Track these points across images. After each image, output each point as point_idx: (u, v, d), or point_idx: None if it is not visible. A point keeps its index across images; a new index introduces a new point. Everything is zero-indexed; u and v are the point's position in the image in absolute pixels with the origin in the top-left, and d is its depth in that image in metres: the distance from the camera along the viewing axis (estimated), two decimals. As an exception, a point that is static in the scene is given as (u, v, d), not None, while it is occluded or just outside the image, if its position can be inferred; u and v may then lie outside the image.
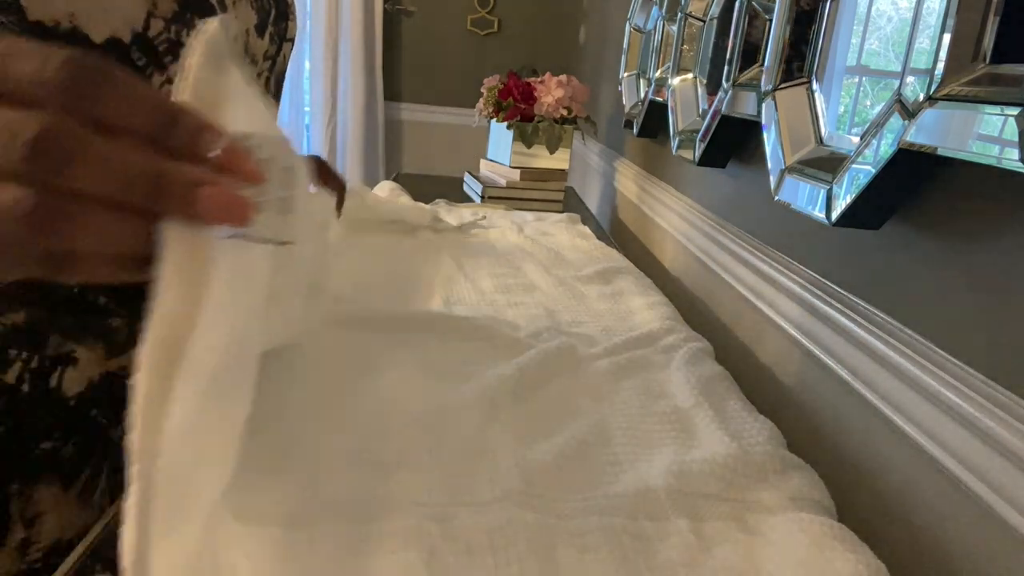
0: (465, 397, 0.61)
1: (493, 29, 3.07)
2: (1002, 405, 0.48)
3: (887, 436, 0.62)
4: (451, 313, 0.83)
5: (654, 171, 1.49)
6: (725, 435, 0.58)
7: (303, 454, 0.52)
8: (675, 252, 1.28)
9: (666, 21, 1.36)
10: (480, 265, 1.05)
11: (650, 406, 0.64)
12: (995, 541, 0.49)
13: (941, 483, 0.54)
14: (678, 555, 0.45)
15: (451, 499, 0.49)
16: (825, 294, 0.72)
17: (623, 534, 0.46)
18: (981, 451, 0.50)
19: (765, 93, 0.81)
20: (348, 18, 2.94)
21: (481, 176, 1.79)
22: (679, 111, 1.18)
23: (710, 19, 1.06)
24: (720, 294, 1.03)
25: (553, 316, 0.86)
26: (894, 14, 0.74)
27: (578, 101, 1.63)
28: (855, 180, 0.61)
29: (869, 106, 0.78)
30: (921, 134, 0.52)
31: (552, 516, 0.47)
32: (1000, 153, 0.45)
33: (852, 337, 0.67)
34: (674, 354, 0.76)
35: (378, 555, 0.42)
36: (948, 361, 0.54)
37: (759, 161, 0.91)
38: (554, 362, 0.69)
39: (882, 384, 0.62)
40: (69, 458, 0.56)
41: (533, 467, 0.53)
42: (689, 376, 0.69)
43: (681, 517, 0.49)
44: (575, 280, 1.02)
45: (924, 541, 0.57)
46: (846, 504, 0.67)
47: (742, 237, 0.96)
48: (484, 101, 1.70)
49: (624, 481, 0.52)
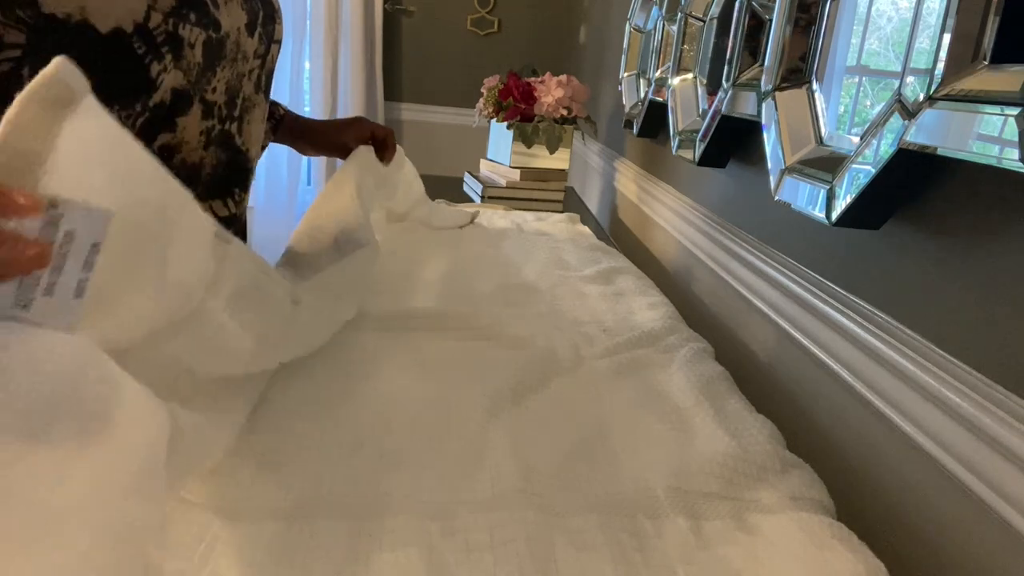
0: (466, 396, 0.61)
1: (493, 29, 3.07)
2: (1002, 405, 0.48)
3: (887, 435, 0.62)
4: (452, 312, 0.83)
5: (654, 171, 1.49)
6: (725, 434, 0.58)
7: (305, 451, 0.52)
8: (675, 252, 1.28)
9: (666, 21, 1.36)
10: (479, 265, 1.05)
11: (649, 405, 0.64)
12: (995, 540, 0.49)
13: (941, 483, 0.55)
14: (676, 553, 0.45)
15: (451, 497, 0.49)
16: (825, 294, 0.72)
17: (621, 532, 0.46)
18: (981, 451, 0.50)
19: (765, 93, 0.81)
20: (348, 18, 2.94)
21: (481, 176, 1.79)
22: (679, 111, 1.18)
23: (710, 19, 1.06)
24: (720, 294, 1.03)
25: (553, 316, 0.86)
26: (894, 14, 0.74)
27: (578, 101, 1.63)
28: (855, 180, 0.61)
29: (869, 106, 0.78)
30: (921, 134, 0.52)
31: (551, 514, 0.48)
32: (1000, 153, 0.45)
33: (852, 337, 0.67)
34: (675, 354, 0.76)
35: (378, 552, 0.42)
36: (948, 361, 0.54)
37: (759, 161, 0.91)
38: (553, 362, 0.69)
39: (882, 383, 0.62)
40: None
41: (533, 465, 0.53)
42: (689, 375, 0.69)
43: (680, 515, 0.49)
44: (577, 280, 1.02)
45: (924, 541, 0.57)
46: (846, 503, 0.67)
47: (742, 237, 0.96)
48: (484, 101, 1.70)
49: (623, 479, 0.52)
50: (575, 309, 0.89)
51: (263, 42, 0.67)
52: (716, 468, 0.54)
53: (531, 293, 0.94)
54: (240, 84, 0.65)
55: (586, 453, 0.56)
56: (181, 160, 0.61)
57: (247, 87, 0.67)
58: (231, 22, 0.62)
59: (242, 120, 0.67)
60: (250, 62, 0.66)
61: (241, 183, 0.69)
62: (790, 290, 0.80)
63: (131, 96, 0.54)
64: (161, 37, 0.54)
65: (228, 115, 0.64)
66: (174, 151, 0.60)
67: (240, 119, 0.67)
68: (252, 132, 0.69)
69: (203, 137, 0.62)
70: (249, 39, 0.65)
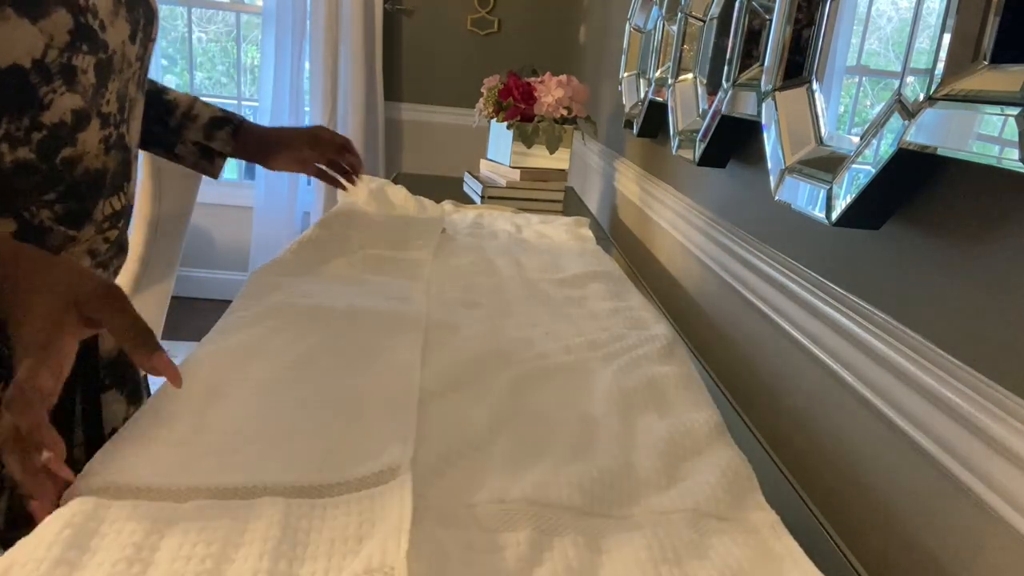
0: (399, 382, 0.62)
1: (493, 29, 3.07)
2: (1002, 405, 0.48)
3: (887, 435, 0.62)
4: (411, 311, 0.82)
5: (654, 171, 1.49)
6: (616, 447, 0.57)
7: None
8: (674, 252, 1.28)
9: (666, 21, 1.36)
10: (459, 263, 1.04)
11: (558, 413, 0.63)
12: (995, 540, 0.49)
13: (941, 482, 0.54)
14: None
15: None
16: (825, 294, 0.72)
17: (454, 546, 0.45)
18: (981, 451, 0.50)
19: (765, 93, 0.81)
20: (348, 18, 2.94)
21: (481, 176, 1.79)
22: (679, 111, 1.18)
23: (710, 19, 1.06)
24: (720, 294, 1.03)
25: (502, 317, 0.84)
26: (894, 14, 0.74)
27: (578, 101, 1.63)
28: (855, 180, 0.61)
29: (869, 106, 0.78)
30: (921, 134, 0.52)
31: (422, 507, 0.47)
32: (1000, 153, 0.45)
33: (852, 337, 0.67)
34: (614, 361, 0.73)
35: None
36: (948, 361, 0.54)
37: (759, 161, 0.91)
38: (480, 362, 0.70)
39: (882, 383, 0.62)
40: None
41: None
42: (612, 385, 0.67)
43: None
44: (548, 283, 0.99)
45: (925, 541, 0.57)
46: (845, 503, 0.67)
47: (742, 237, 0.96)
48: (484, 101, 1.70)
49: (490, 489, 0.50)
50: (529, 313, 0.88)
51: (142, 44, 0.73)
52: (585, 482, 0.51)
53: (492, 295, 0.92)
54: (126, 89, 0.71)
55: (478, 457, 0.55)
56: (84, 168, 0.66)
57: (131, 89, 0.72)
58: (117, 38, 0.67)
59: (130, 121, 0.73)
60: (132, 66, 0.71)
61: (128, 176, 0.75)
62: (790, 290, 0.79)
63: (18, 114, 0.60)
64: (56, 68, 0.61)
65: (120, 120, 0.70)
66: (76, 162, 0.66)
67: (128, 121, 0.72)
68: (136, 128, 0.76)
69: (102, 144, 0.68)
70: (132, 47, 0.70)
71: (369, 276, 0.92)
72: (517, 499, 0.48)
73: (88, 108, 0.65)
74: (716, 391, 0.73)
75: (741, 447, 0.58)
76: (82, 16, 0.62)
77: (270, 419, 0.56)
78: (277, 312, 0.75)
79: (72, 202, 0.66)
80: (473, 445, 0.55)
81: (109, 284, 0.51)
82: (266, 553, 0.40)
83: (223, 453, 0.50)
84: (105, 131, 0.68)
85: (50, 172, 0.63)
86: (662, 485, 0.53)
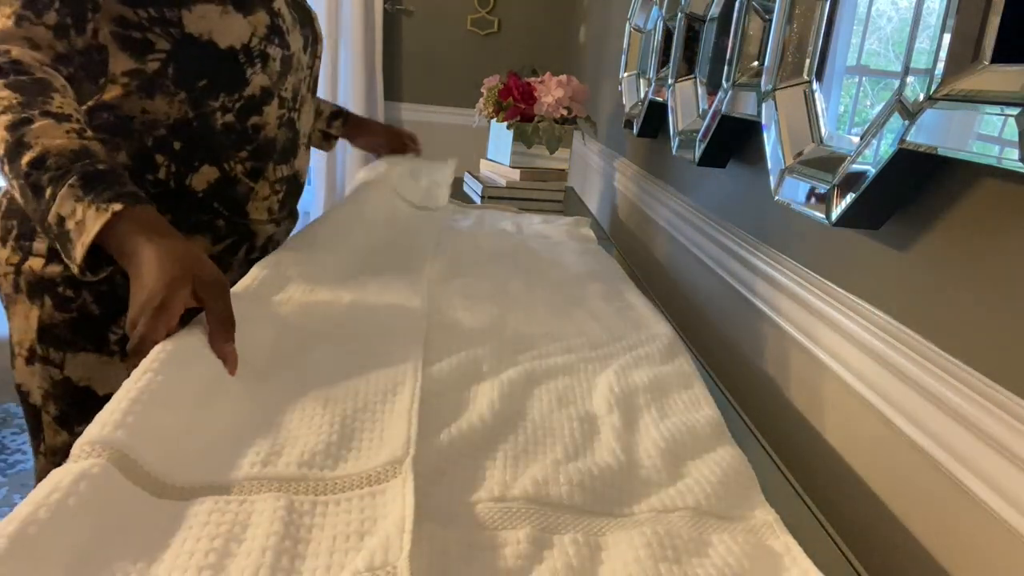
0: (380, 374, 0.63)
1: (493, 29, 3.07)
2: (1002, 405, 0.48)
3: (886, 435, 0.62)
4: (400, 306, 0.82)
5: (654, 171, 1.49)
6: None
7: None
8: (674, 252, 1.28)
9: (666, 21, 1.36)
10: (453, 267, 1.04)
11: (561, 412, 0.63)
12: (995, 540, 0.49)
13: (941, 482, 0.55)
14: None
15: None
16: (825, 294, 0.72)
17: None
18: (981, 451, 0.50)
19: (765, 93, 0.81)
20: (348, 18, 2.94)
21: (481, 176, 1.79)
22: (679, 111, 1.18)
23: (710, 19, 1.06)
24: (719, 294, 1.03)
25: (503, 320, 0.84)
26: (894, 14, 0.74)
27: (578, 101, 1.63)
28: (855, 180, 0.61)
29: (869, 106, 0.78)
30: (921, 134, 0.52)
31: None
32: (1000, 153, 0.45)
33: (852, 337, 0.67)
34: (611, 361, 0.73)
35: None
36: (948, 361, 0.54)
37: (759, 161, 0.91)
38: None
39: (882, 383, 0.62)
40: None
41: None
42: (613, 385, 0.67)
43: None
44: (549, 284, 0.99)
45: (924, 541, 0.57)
46: (845, 503, 0.67)
47: (742, 237, 0.96)
48: (484, 101, 1.70)
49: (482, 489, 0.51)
50: (529, 312, 0.87)
51: (311, 56, 0.98)
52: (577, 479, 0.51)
53: (492, 295, 0.92)
54: (299, 86, 0.95)
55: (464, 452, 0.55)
56: (264, 136, 0.89)
57: (302, 88, 0.96)
58: (295, 44, 0.91)
59: (300, 111, 0.97)
60: (304, 71, 0.95)
61: (296, 153, 0.98)
62: (790, 290, 0.80)
63: (231, 89, 0.84)
64: (256, 52, 0.84)
65: (293, 107, 0.94)
66: (260, 128, 0.89)
67: (299, 110, 0.96)
68: (304, 119, 0.99)
69: (278, 120, 0.91)
70: (304, 56, 0.95)
71: (370, 275, 0.92)
72: (517, 497, 0.48)
73: (273, 88, 0.88)
74: (716, 391, 0.73)
75: (741, 447, 0.59)
76: (276, 18, 0.87)
77: (272, 414, 0.56)
78: (278, 308, 0.75)
79: (255, 160, 0.89)
80: (474, 444, 0.55)
81: (220, 274, 0.62)
82: (268, 549, 0.40)
83: (226, 447, 0.51)
84: (281, 111, 0.91)
85: (243, 132, 0.87)
86: (662, 484, 0.53)
